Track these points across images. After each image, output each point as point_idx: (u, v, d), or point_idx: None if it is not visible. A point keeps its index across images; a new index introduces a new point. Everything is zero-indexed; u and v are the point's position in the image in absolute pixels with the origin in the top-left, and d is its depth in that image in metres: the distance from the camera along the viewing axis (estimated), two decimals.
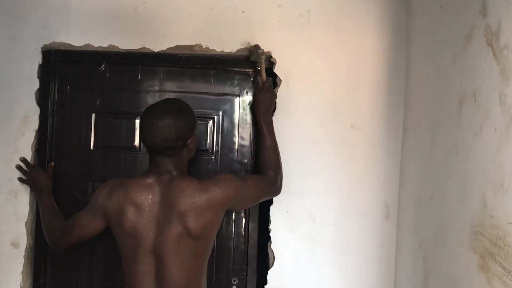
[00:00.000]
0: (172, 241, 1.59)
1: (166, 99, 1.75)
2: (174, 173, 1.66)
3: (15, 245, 1.98)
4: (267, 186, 1.84)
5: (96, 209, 1.70)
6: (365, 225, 2.04)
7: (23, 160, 1.96)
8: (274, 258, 2.02)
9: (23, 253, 1.97)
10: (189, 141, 1.66)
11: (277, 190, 1.89)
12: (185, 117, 1.64)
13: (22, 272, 1.97)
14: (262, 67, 1.98)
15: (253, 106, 1.98)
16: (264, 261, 2.07)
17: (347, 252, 2.04)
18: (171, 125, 1.59)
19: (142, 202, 1.62)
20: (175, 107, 1.65)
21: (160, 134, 1.59)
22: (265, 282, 2.02)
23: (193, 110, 1.72)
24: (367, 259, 2.04)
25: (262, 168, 1.88)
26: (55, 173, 1.98)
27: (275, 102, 1.99)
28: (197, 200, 1.60)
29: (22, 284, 1.97)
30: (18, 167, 1.96)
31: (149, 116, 1.62)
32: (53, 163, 1.98)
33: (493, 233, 1.25)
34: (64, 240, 1.77)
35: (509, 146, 1.20)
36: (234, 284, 2.03)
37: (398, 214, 2.04)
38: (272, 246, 2.02)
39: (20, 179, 1.97)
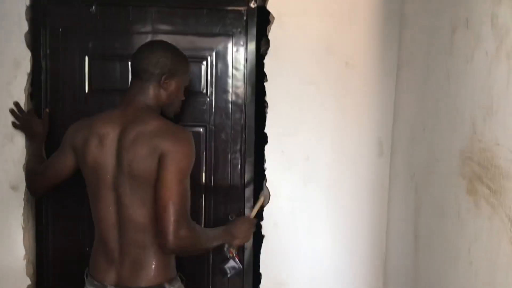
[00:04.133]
0: (127, 179, 1.52)
1: (162, 40, 1.75)
2: (142, 105, 1.59)
3: (14, 188, 2.00)
4: (174, 203, 1.46)
5: (65, 146, 1.69)
6: (359, 162, 2.07)
7: (16, 104, 1.95)
8: (269, 195, 2.06)
9: (23, 196, 2.00)
10: (168, 80, 1.60)
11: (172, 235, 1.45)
12: (173, 56, 1.63)
13: (23, 214, 2.00)
14: (257, 206, 1.95)
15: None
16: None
17: (341, 188, 2.07)
18: (157, 53, 1.60)
19: (104, 134, 1.56)
20: (168, 45, 1.67)
21: (145, 57, 1.60)
22: (261, 218, 2.07)
23: (186, 52, 1.70)
24: (361, 195, 2.07)
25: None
26: (50, 119, 1.98)
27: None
28: (145, 143, 1.50)
29: (23, 226, 2.01)
30: (11, 111, 1.95)
31: (143, 46, 1.67)
32: (48, 110, 1.98)
33: (481, 156, 1.26)
34: (41, 182, 1.77)
35: (499, 68, 1.19)
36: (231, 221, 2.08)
37: (391, 150, 2.06)
38: (267, 184, 2.06)
39: (13, 124, 1.96)
